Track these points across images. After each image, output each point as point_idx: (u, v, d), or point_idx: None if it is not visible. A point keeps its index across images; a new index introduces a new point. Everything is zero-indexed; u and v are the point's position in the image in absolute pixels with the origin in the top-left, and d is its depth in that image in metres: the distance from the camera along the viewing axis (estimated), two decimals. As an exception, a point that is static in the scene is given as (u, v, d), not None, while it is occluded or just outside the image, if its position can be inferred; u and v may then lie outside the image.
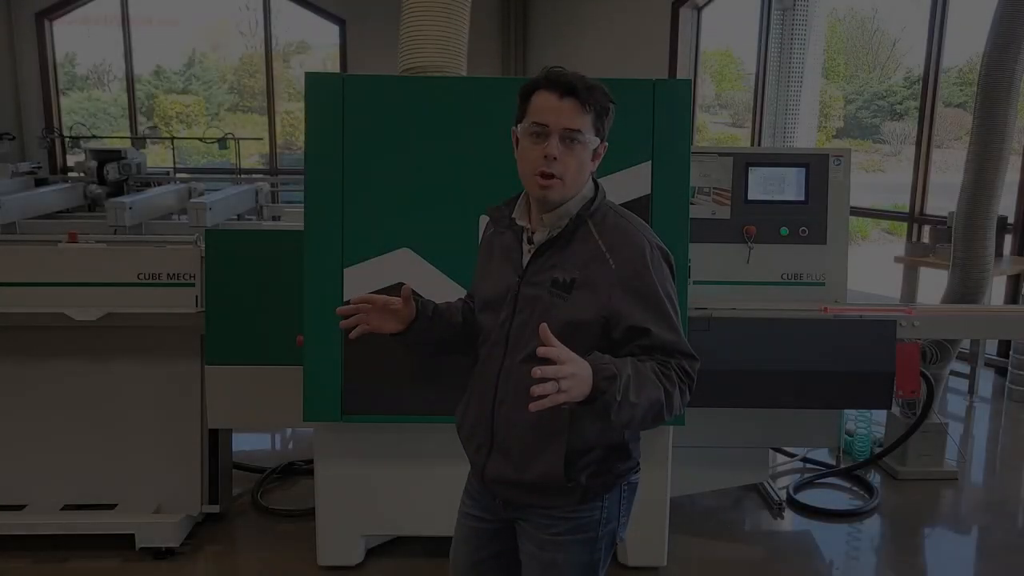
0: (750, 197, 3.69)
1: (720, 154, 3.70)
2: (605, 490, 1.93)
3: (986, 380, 5.99)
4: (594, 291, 1.81)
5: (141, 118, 11.09)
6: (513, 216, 1.95)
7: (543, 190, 1.82)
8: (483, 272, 2.02)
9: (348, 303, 1.96)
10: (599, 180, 1.97)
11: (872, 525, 3.98)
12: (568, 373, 1.58)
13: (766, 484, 4.18)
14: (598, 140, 1.85)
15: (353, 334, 1.96)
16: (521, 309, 1.88)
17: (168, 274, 3.42)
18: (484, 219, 2.12)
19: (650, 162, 3.07)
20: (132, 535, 3.45)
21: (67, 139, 9.96)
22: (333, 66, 10.81)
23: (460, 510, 2.13)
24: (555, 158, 1.79)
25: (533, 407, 1.57)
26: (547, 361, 1.59)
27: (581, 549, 1.95)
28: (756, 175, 3.69)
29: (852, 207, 3.89)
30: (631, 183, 3.06)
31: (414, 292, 2.00)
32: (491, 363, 1.93)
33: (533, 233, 1.90)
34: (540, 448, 1.87)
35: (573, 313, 1.80)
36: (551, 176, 1.80)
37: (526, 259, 1.90)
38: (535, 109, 1.82)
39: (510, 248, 1.95)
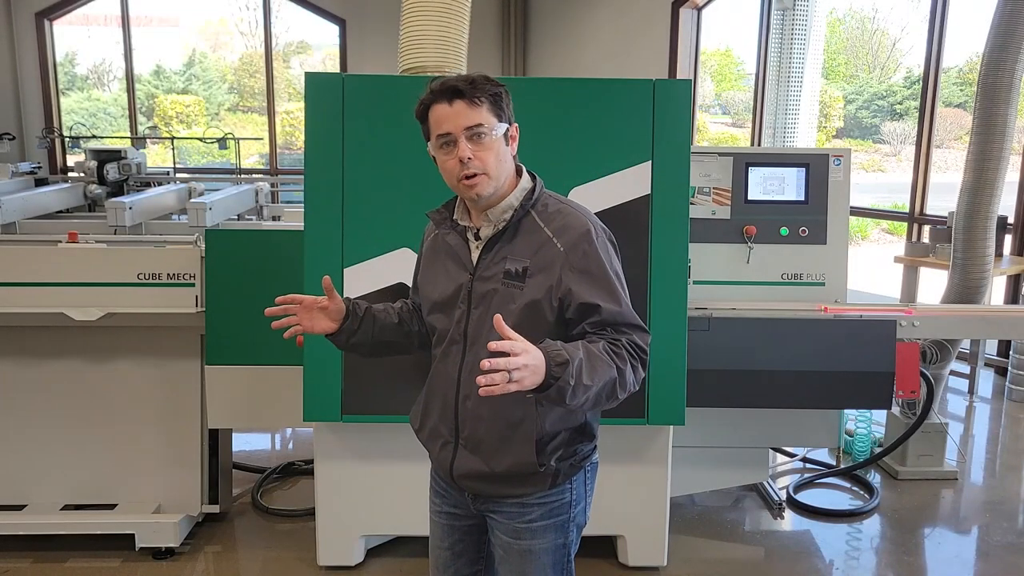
0: (750, 197, 3.69)
1: (720, 154, 3.71)
2: (573, 472, 1.98)
3: (986, 380, 5.99)
4: (547, 275, 1.87)
5: (141, 118, 11.09)
6: (455, 218, 1.99)
7: (471, 189, 1.88)
8: (429, 275, 2.06)
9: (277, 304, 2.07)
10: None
11: (872, 525, 3.98)
12: (520, 364, 1.62)
13: (766, 484, 4.18)
14: (505, 125, 1.90)
15: (287, 334, 2.05)
16: (476, 305, 1.92)
17: (168, 274, 3.41)
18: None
19: (650, 162, 3.07)
20: (132, 535, 3.45)
21: (67, 139, 9.96)
22: (333, 66, 10.81)
23: (430, 510, 2.16)
24: (469, 158, 1.84)
25: (483, 392, 1.60)
26: (500, 353, 1.62)
27: (555, 533, 2.00)
28: (756, 175, 3.69)
29: (852, 207, 3.88)
30: (631, 183, 3.06)
31: (351, 300, 2.10)
32: (451, 361, 1.96)
33: (478, 230, 1.95)
34: (509, 438, 1.91)
35: (529, 297, 1.85)
36: (473, 175, 1.86)
37: (475, 255, 1.94)
38: (434, 123, 1.88)
39: (456, 248, 1.98)
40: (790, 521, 4.01)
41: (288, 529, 3.79)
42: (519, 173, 1.97)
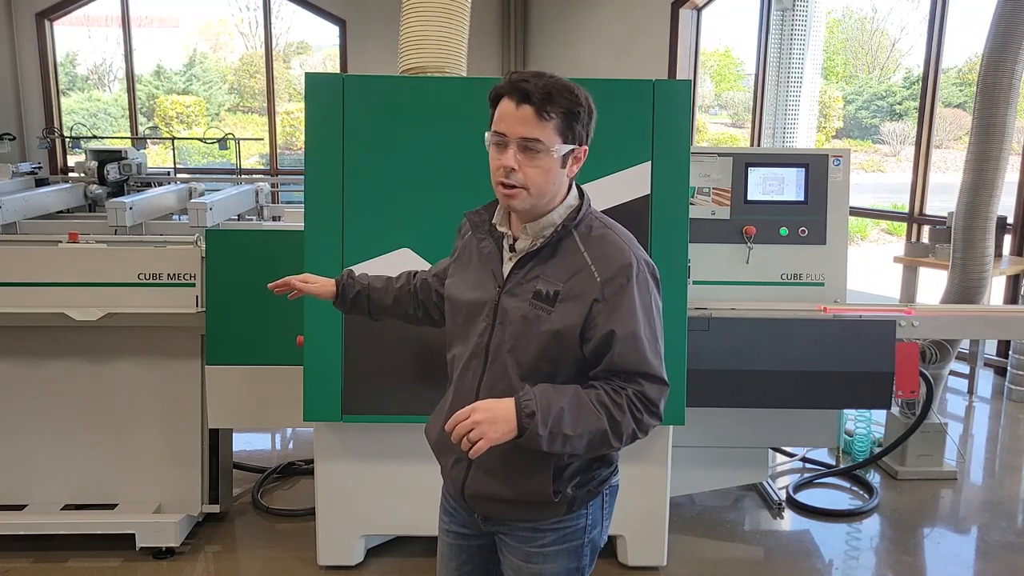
0: (750, 197, 3.69)
1: (720, 154, 3.71)
2: (590, 498, 1.91)
3: (985, 380, 5.99)
4: (577, 304, 1.76)
5: (142, 118, 11.10)
6: (494, 222, 1.90)
7: (507, 200, 1.78)
8: (458, 278, 1.96)
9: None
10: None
11: (871, 525, 3.99)
12: (475, 421, 1.67)
13: (766, 484, 4.18)
14: (570, 146, 1.76)
15: (291, 296, 2.27)
16: (501, 322, 1.82)
17: (168, 274, 3.42)
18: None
19: (650, 162, 3.07)
20: (132, 535, 3.46)
21: (68, 139, 9.97)
22: (333, 66, 10.83)
23: (439, 527, 2.11)
24: (513, 169, 1.73)
25: (472, 454, 1.67)
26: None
27: (568, 558, 1.93)
28: (756, 175, 3.69)
29: (851, 207, 3.89)
30: (631, 183, 3.07)
31: (350, 272, 2.24)
32: (470, 376, 1.88)
33: (515, 240, 1.85)
34: (527, 465, 1.82)
35: (556, 324, 1.76)
36: (512, 187, 1.75)
37: (507, 268, 1.85)
38: (497, 117, 1.77)
39: (490, 255, 1.89)
40: (789, 521, 4.01)
41: (288, 529, 3.80)
42: (568, 189, 1.85)
